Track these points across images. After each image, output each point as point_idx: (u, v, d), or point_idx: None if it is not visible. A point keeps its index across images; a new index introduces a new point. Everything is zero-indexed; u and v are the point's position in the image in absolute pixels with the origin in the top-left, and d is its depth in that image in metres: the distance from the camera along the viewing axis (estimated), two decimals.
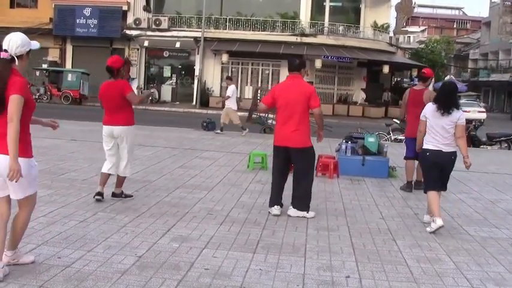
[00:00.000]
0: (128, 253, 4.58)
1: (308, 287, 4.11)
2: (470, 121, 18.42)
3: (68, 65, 33.29)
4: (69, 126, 13.64)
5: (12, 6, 34.14)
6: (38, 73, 30.81)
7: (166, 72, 34.28)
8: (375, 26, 33.82)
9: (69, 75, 29.11)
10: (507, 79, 51.61)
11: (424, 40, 68.80)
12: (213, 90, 32.21)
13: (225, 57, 31.14)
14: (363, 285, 4.21)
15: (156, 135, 13.44)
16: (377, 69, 33.90)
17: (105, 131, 6.52)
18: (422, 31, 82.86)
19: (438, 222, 5.78)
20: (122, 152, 6.55)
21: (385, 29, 35.10)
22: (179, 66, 34.51)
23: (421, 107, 6.68)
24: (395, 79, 43.19)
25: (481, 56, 65.25)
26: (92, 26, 32.32)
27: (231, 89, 15.97)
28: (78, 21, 32.23)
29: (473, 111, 32.02)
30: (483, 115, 31.91)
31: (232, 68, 32.92)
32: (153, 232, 5.25)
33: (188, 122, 18.87)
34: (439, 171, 6.11)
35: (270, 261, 4.63)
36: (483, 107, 37.47)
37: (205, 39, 30.72)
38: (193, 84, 32.60)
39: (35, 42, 4.05)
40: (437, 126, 6.05)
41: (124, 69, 6.50)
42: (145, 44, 32.45)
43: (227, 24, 32.15)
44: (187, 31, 31.97)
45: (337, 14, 34.05)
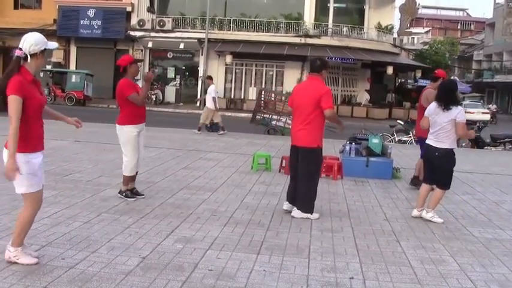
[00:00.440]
0: (132, 254, 4.58)
1: None
2: (474, 122, 18.42)
3: (72, 66, 33.28)
4: (73, 128, 13.59)
5: (16, 7, 34.16)
6: (42, 74, 30.85)
7: (170, 73, 34.29)
8: (379, 27, 33.80)
9: (73, 77, 29.18)
10: (511, 80, 51.47)
11: (428, 41, 68.76)
12: (217, 92, 32.08)
13: (229, 59, 31.13)
14: (366, 286, 4.21)
15: (160, 136, 13.45)
16: (381, 71, 33.88)
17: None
18: (426, 32, 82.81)
19: (413, 212, 6.57)
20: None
21: (389, 30, 35.09)
22: (183, 68, 34.51)
23: None
24: (399, 80, 43.10)
25: (485, 57, 65.05)
26: (96, 27, 32.31)
27: (212, 88, 16.03)
28: (82, 22, 32.24)
29: (477, 113, 31.99)
30: (487, 116, 31.86)
31: (236, 69, 32.94)
32: (157, 233, 5.26)
33: (192, 123, 18.86)
34: (431, 166, 6.50)
35: (274, 262, 4.63)
36: (493, 109, 37.38)
37: (209, 41, 30.78)
38: (197, 85, 32.63)
39: (52, 42, 4.12)
40: (436, 122, 6.38)
41: (132, 67, 6.53)
42: (149, 45, 32.49)
43: (231, 25, 32.13)
44: (191, 32, 32.00)
45: (341, 15, 34.03)
